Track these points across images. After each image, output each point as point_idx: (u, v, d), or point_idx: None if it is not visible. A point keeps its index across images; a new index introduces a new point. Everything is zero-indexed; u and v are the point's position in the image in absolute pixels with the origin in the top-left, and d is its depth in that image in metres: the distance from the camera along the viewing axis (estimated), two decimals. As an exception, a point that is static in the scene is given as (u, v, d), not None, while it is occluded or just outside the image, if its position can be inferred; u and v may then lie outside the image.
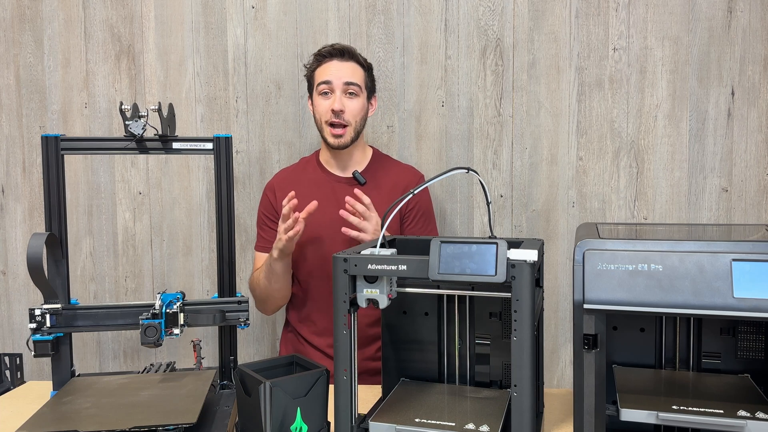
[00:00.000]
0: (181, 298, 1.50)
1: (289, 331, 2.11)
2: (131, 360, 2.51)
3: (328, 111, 1.94)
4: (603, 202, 2.27)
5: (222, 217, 1.59)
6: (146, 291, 2.46)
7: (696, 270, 1.06)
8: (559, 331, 2.33)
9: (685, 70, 2.21)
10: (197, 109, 2.40)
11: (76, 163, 2.44)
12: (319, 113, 1.98)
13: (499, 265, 1.10)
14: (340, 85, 1.94)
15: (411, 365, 1.48)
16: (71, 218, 2.43)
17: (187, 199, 2.43)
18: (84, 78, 2.43)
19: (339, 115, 1.94)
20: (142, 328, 1.40)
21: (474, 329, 1.43)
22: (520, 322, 1.11)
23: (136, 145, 1.55)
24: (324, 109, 1.95)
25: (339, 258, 1.19)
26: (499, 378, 1.42)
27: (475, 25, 2.28)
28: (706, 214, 2.23)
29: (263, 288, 1.97)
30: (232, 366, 1.59)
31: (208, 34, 2.39)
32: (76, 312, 1.52)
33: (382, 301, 1.21)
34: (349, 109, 1.95)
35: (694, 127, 2.22)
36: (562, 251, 2.30)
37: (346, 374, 1.20)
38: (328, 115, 1.94)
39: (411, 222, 2.02)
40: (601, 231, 1.30)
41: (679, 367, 1.34)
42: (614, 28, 2.23)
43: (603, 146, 2.26)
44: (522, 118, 2.29)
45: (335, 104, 1.93)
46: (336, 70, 1.95)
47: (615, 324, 1.36)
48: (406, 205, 2.02)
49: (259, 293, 2.01)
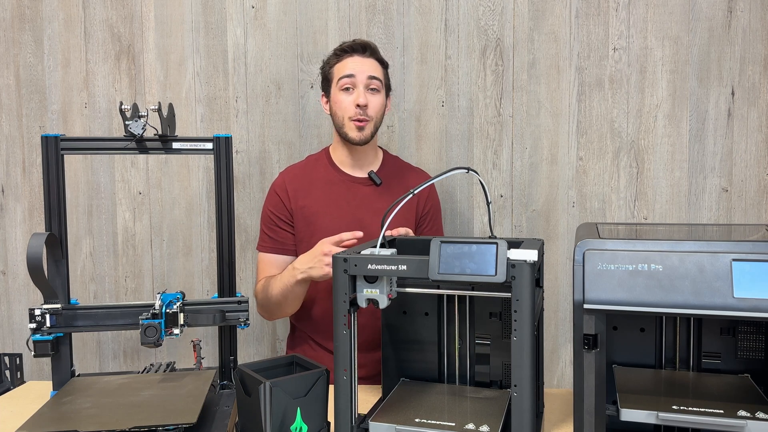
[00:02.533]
0: (181, 298, 1.50)
1: (298, 337, 2.04)
2: (131, 360, 2.51)
3: (351, 106, 1.89)
4: (603, 202, 2.27)
5: (222, 217, 1.59)
6: (146, 291, 2.46)
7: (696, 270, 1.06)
8: (559, 331, 2.33)
9: (685, 69, 2.21)
10: (197, 109, 2.40)
11: (76, 163, 2.44)
12: (342, 109, 1.91)
13: (499, 265, 1.10)
14: (363, 79, 1.89)
15: (411, 365, 1.48)
16: (71, 218, 2.43)
17: (187, 199, 2.43)
18: (84, 78, 2.44)
19: (363, 111, 1.89)
20: (142, 328, 1.40)
21: (474, 329, 1.43)
22: (520, 322, 1.11)
23: (136, 145, 1.55)
24: (347, 105, 1.89)
25: (339, 258, 1.19)
26: (499, 378, 1.42)
27: (475, 25, 2.29)
28: (706, 214, 2.23)
29: (275, 302, 1.87)
30: (232, 366, 1.59)
31: (208, 34, 2.39)
32: (76, 312, 1.52)
33: (382, 301, 1.21)
34: (372, 104, 1.90)
35: (694, 127, 2.22)
36: (562, 251, 2.30)
37: (346, 374, 1.21)
38: (352, 110, 1.89)
39: (426, 225, 2.01)
40: (601, 231, 1.30)
41: (679, 367, 1.34)
42: (614, 28, 2.23)
43: (603, 146, 2.26)
44: (522, 118, 2.29)
45: (360, 98, 1.87)
46: (359, 64, 1.91)
47: (615, 324, 1.36)
48: (423, 208, 2.01)
49: (267, 305, 1.91)
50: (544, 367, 1.51)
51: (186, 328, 1.51)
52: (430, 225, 2.02)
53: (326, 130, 2.35)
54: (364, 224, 1.80)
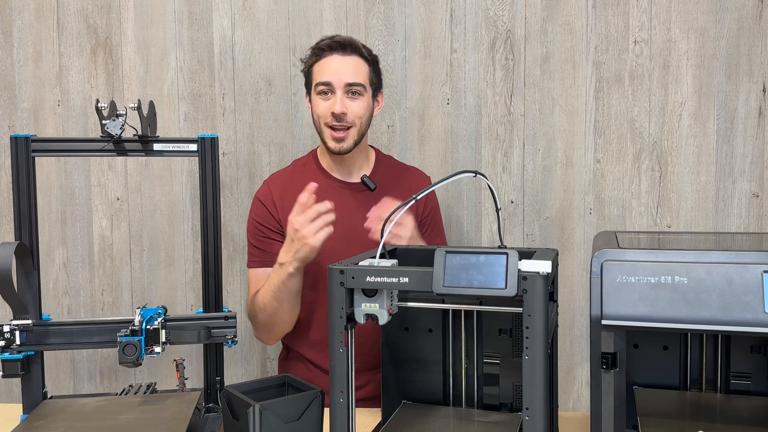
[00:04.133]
0: (162, 314, 1.50)
1: (291, 357, 2.04)
2: (108, 381, 2.51)
3: (327, 113, 1.89)
4: (623, 208, 2.28)
5: (207, 225, 1.59)
6: (125, 305, 2.46)
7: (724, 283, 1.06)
8: (575, 350, 2.33)
9: (712, 64, 2.22)
10: (180, 107, 2.41)
11: (49, 166, 2.45)
12: (317, 114, 1.92)
13: (509, 278, 1.10)
14: (341, 86, 1.88)
15: (413, 386, 1.48)
16: (43, 226, 2.44)
17: (170, 206, 2.44)
18: (57, 73, 2.44)
19: (341, 118, 1.88)
20: (120, 346, 1.40)
21: (482, 347, 1.43)
22: (533, 339, 1.11)
23: (114, 146, 1.55)
24: (323, 111, 1.90)
25: (335, 270, 1.19)
26: (510, 400, 1.42)
27: (484, 16, 2.30)
28: (735, 222, 2.24)
29: (271, 311, 1.86)
30: (218, 387, 1.59)
31: (192, 25, 2.40)
32: (48, 328, 1.52)
33: (381, 316, 1.21)
34: (351, 111, 1.89)
35: (722, 127, 2.23)
36: (578, 262, 2.31)
37: (342, 396, 1.21)
38: (328, 117, 1.89)
39: (427, 229, 2.02)
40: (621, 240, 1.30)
41: (706, 388, 1.34)
42: (635, 19, 2.24)
43: (623, 148, 2.27)
44: (534, 117, 2.29)
45: (336, 106, 1.87)
46: (337, 68, 1.90)
47: (636, 341, 1.36)
48: (421, 213, 2.01)
49: (264, 318, 1.89)
50: (558, 388, 1.51)
51: (168, 346, 1.51)
52: (430, 229, 2.02)
53: (321, 129, 2.35)
54: (358, 234, 1.80)
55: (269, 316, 1.88)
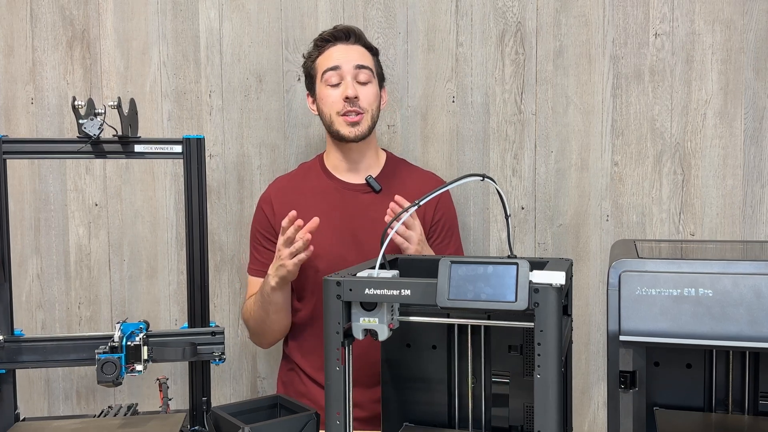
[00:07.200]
0: (144, 329, 1.51)
1: (289, 369, 2.07)
2: (86, 402, 2.51)
3: (339, 100, 1.93)
4: (642, 215, 2.28)
5: (193, 233, 1.60)
6: (103, 320, 2.46)
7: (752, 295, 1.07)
8: (591, 368, 2.33)
9: (739, 59, 2.23)
10: (164, 106, 2.42)
11: (21, 169, 2.45)
12: (328, 105, 1.96)
13: (519, 290, 1.11)
14: (350, 69, 1.94)
15: (416, 407, 1.48)
16: (15, 234, 2.44)
17: (152, 212, 2.44)
18: (30, 69, 2.45)
19: (354, 103, 1.93)
20: (99, 364, 1.40)
21: (490, 365, 1.43)
22: (545, 356, 1.11)
23: (92, 147, 1.56)
24: (334, 99, 1.95)
25: (331, 281, 1.19)
26: (520, 423, 1.42)
27: (492, 6, 2.30)
28: (764, 230, 2.24)
29: (258, 320, 1.96)
30: (204, 408, 1.59)
31: (177, 17, 2.40)
32: (20, 345, 1.52)
33: (381, 332, 1.21)
34: (363, 95, 1.95)
35: (750, 127, 2.23)
36: (594, 273, 2.31)
37: (339, 418, 1.21)
38: (340, 104, 1.93)
39: (437, 237, 2.03)
40: (641, 249, 1.31)
41: (732, 410, 1.34)
42: (656, 10, 2.25)
43: (642, 149, 2.27)
44: (547, 117, 2.30)
45: (348, 90, 1.92)
46: (343, 53, 1.96)
47: (656, 359, 1.36)
48: (431, 218, 2.02)
49: (254, 325, 2.00)
50: (573, 410, 1.51)
51: (150, 364, 1.52)
52: (441, 238, 2.03)
53: (316, 130, 2.35)
54: (359, 238, 1.82)
55: (257, 325, 1.98)
